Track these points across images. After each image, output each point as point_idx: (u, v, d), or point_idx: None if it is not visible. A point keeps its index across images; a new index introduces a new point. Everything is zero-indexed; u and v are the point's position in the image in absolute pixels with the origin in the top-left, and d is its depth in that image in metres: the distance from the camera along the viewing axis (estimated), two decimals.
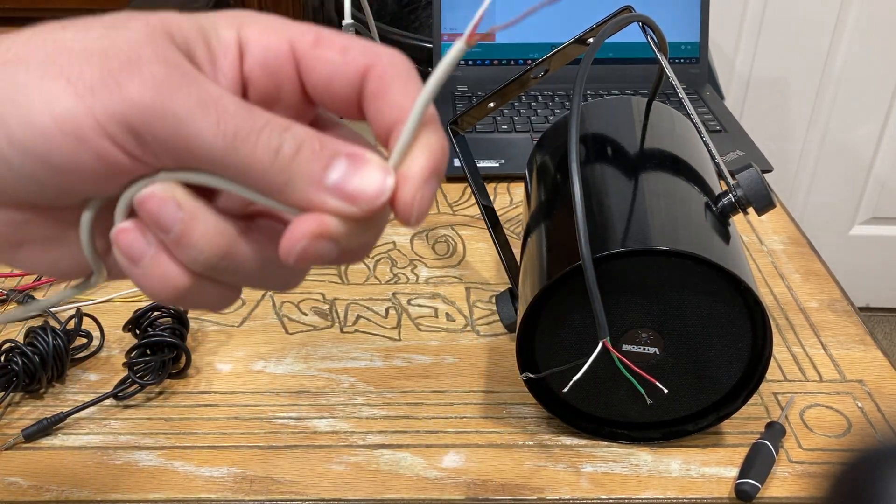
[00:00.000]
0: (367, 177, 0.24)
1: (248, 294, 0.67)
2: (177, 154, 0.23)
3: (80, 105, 0.22)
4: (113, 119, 0.22)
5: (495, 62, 1.02)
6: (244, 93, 0.26)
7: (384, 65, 0.25)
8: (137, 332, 0.59)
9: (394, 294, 0.68)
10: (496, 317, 0.64)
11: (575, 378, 0.47)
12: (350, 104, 0.26)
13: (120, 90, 0.22)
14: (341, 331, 0.64)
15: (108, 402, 0.56)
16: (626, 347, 0.50)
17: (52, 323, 0.59)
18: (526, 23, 1.02)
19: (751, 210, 0.52)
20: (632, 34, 0.62)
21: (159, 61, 0.23)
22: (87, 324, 0.61)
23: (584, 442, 0.54)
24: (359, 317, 0.65)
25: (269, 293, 0.68)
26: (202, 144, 0.23)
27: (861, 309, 1.48)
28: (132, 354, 0.56)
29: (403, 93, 0.25)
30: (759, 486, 0.49)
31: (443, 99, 0.99)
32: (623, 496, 0.50)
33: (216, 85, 0.24)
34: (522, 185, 0.72)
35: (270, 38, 0.26)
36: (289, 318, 0.65)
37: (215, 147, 0.23)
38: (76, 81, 0.22)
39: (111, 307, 0.66)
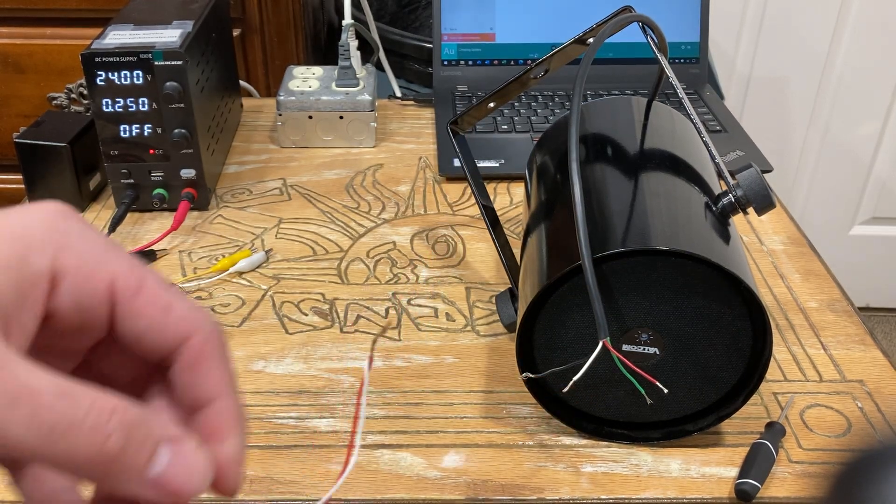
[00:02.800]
0: (188, 472, 0.23)
1: (248, 294, 0.67)
2: None
3: None
4: None
5: (495, 62, 1.02)
6: (45, 322, 0.24)
7: (204, 338, 0.25)
8: None
9: (394, 294, 0.68)
10: (496, 317, 0.64)
11: (575, 378, 0.47)
12: (152, 360, 0.26)
13: None
14: (341, 331, 0.64)
15: None
16: (626, 347, 0.50)
17: None
18: (526, 23, 1.02)
19: (751, 210, 0.52)
20: (632, 34, 0.62)
21: None
22: None
23: (583, 442, 0.54)
24: (359, 317, 0.65)
25: (270, 293, 0.68)
26: (13, 439, 0.21)
27: (861, 309, 1.48)
28: None
29: (219, 374, 0.26)
30: (759, 486, 0.49)
31: (443, 99, 0.99)
32: (623, 496, 0.50)
33: (30, 366, 0.21)
34: (522, 185, 0.72)
35: (91, 274, 0.24)
36: (289, 318, 0.65)
37: (27, 442, 0.21)
38: None
39: None
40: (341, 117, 0.89)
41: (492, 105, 0.64)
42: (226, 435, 0.26)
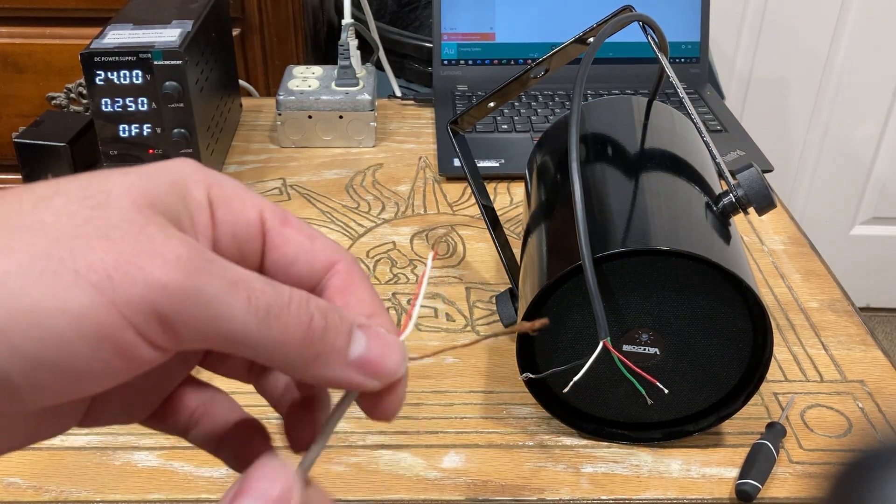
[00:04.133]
0: (387, 350, 0.25)
1: None
2: (204, 337, 0.21)
3: (98, 299, 0.20)
4: (138, 308, 0.20)
5: (495, 62, 1.02)
6: None
7: (349, 262, 0.27)
8: None
9: (394, 294, 0.68)
10: (496, 317, 0.64)
11: (575, 378, 0.47)
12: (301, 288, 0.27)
13: (144, 275, 0.20)
14: None
15: None
16: (626, 348, 0.50)
17: None
18: (526, 22, 1.02)
19: (751, 210, 0.52)
20: (632, 34, 0.62)
21: (174, 240, 0.21)
22: None
23: (584, 442, 0.54)
24: None
25: None
26: (234, 324, 0.21)
27: (861, 309, 1.48)
28: None
29: (370, 293, 0.27)
30: (760, 486, 0.49)
31: (443, 99, 0.99)
32: (623, 497, 0.50)
33: (232, 263, 0.22)
34: (522, 184, 0.72)
35: (242, 205, 0.25)
36: None
37: (248, 325, 0.22)
38: (87, 272, 0.20)
39: None
40: (341, 117, 0.89)
41: (492, 105, 0.64)
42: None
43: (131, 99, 0.72)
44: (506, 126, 0.92)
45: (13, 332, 0.19)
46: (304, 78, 0.91)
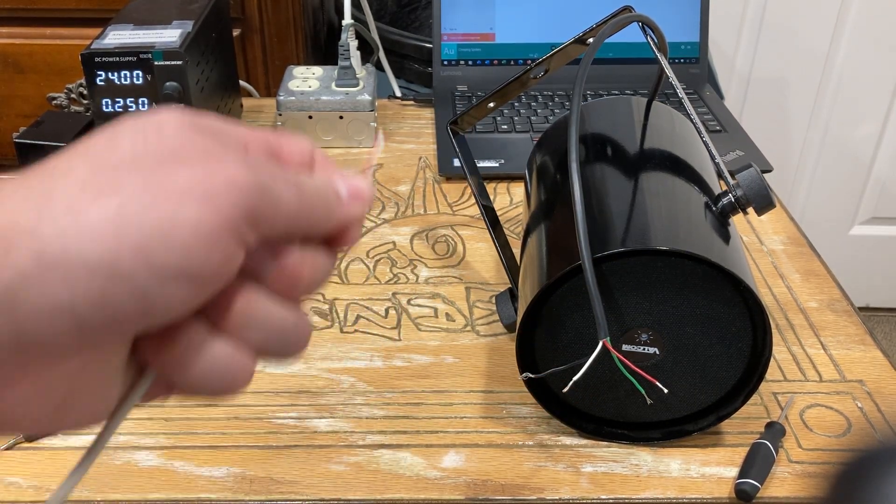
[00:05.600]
0: (360, 183, 0.30)
1: None
2: (273, 223, 0.25)
3: (205, 208, 0.23)
4: (235, 208, 0.24)
5: (495, 62, 1.02)
6: None
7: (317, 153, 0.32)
8: None
9: (394, 294, 0.68)
10: (496, 317, 0.64)
11: (575, 378, 0.47)
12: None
13: (233, 181, 0.24)
14: (341, 331, 0.64)
15: None
16: (625, 347, 0.50)
17: None
18: (526, 23, 1.02)
19: (750, 210, 0.52)
20: (632, 34, 0.62)
21: (231, 149, 0.25)
22: None
23: (583, 442, 0.54)
24: (359, 317, 0.65)
25: None
26: (286, 204, 0.26)
27: (861, 309, 1.48)
28: None
29: (332, 165, 0.32)
30: (759, 486, 0.49)
31: (443, 99, 0.99)
32: (623, 496, 0.50)
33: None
34: (522, 185, 0.72)
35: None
36: None
37: (293, 202, 0.26)
38: (190, 189, 0.23)
39: None
40: (341, 117, 0.89)
41: (492, 105, 0.64)
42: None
43: (132, 99, 0.72)
44: (506, 126, 0.93)
45: (148, 246, 0.22)
46: (305, 78, 0.92)
